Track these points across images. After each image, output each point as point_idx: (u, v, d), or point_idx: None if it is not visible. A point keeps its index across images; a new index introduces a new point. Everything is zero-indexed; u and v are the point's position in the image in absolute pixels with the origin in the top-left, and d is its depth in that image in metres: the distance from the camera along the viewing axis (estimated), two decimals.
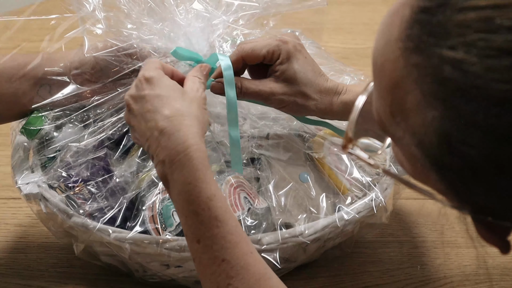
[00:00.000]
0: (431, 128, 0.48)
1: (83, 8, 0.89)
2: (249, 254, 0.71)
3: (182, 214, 0.72)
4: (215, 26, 0.90)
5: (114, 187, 0.88)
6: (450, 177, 0.50)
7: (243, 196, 0.86)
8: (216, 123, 0.92)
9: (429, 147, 0.49)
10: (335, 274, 0.94)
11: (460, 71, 0.46)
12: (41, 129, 0.91)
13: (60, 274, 0.94)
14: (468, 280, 0.93)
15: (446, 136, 0.48)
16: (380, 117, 0.54)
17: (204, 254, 0.71)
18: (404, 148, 0.53)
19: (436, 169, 0.50)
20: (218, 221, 0.71)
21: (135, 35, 0.90)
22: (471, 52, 0.46)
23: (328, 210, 0.89)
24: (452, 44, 0.47)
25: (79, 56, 0.92)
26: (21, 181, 0.89)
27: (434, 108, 0.48)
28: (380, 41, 0.52)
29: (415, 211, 1.04)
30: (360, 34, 0.90)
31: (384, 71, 0.51)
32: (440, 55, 0.47)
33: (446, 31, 0.47)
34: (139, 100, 0.76)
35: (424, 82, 0.48)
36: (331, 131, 0.95)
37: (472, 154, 0.47)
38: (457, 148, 0.47)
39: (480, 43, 0.46)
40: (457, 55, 0.46)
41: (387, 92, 0.52)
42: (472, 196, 0.50)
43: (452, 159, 0.48)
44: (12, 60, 0.91)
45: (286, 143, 0.94)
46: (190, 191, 0.71)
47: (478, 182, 0.48)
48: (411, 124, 0.50)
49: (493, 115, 0.45)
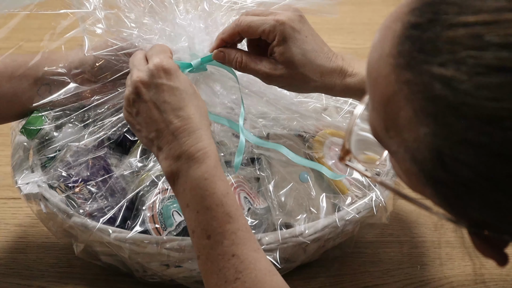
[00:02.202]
0: (424, 144, 0.48)
1: (83, 7, 0.89)
2: (257, 251, 0.72)
3: (193, 209, 0.73)
4: (216, 26, 0.90)
5: (114, 187, 0.88)
6: (444, 191, 0.50)
7: (243, 196, 0.86)
8: (216, 123, 0.92)
9: (423, 162, 0.49)
10: (335, 274, 0.94)
11: (450, 88, 0.46)
12: (41, 129, 0.91)
13: (60, 274, 0.94)
14: (468, 280, 0.93)
15: (438, 153, 0.47)
16: (375, 130, 0.54)
17: (213, 249, 0.71)
18: (400, 161, 0.53)
19: (431, 183, 0.50)
20: (230, 217, 0.72)
21: (135, 35, 0.90)
22: (461, 70, 0.45)
23: (328, 210, 0.89)
24: (442, 61, 0.46)
25: (79, 56, 0.91)
26: (21, 181, 0.89)
27: (425, 125, 0.47)
28: (373, 55, 0.52)
29: (415, 211, 1.04)
30: (360, 34, 0.90)
31: (377, 86, 0.51)
32: (430, 72, 0.47)
33: (436, 48, 0.47)
34: (154, 87, 0.76)
35: (415, 99, 0.48)
36: (331, 131, 0.95)
37: (465, 170, 0.47)
38: (449, 164, 0.47)
39: (469, 60, 0.45)
40: (447, 72, 0.46)
41: (380, 106, 0.51)
42: (467, 211, 0.50)
43: (445, 174, 0.48)
44: (12, 60, 0.91)
45: (286, 143, 0.94)
46: (206, 186, 0.72)
47: (472, 197, 0.48)
48: (404, 139, 0.50)
49: (484, 133, 0.45)
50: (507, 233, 0.50)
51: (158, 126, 0.75)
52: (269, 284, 0.71)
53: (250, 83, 0.93)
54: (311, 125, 0.95)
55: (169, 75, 0.76)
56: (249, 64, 0.85)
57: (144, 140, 0.78)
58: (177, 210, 0.84)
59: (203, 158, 0.74)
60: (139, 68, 0.78)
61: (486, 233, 0.50)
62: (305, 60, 0.84)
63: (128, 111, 0.78)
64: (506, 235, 0.50)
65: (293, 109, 0.95)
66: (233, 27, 0.85)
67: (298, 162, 0.89)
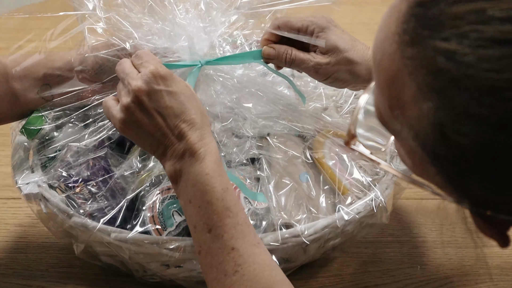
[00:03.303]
0: (426, 119, 0.49)
1: (83, 7, 0.89)
2: (256, 245, 0.73)
3: (195, 205, 0.74)
4: (215, 25, 0.90)
5: (114, 187, 0.88)
6: (447, 168, 0.50)
7: (243, 196, 0.86)
8: (216, 122, 0.92)
9: (425, 139, 0.50)
10: (335, 274, 0.94)
11: (453, 61, 0.47)
12: (41, 129, 0.91)
13: (60, 274, 0.94)
14: (468, 280, 0.93)
15: (440, 127, 0.48)
16: (380, 112, 0.55)
17: (214, 243, 0.73)
18: (403, 142, 0.54)
19: (433, 161, 0.51)
20: (230, 211, 0.73)
21: (135, 35, 0.90)
22: (464, 43, 0.47)
23: (328, 210, 0.89)
24: (446, 36, 0.47)
25: (79, 56, 0.91)
26: (21, 181, 0.89)
27: (428, 99, 0.48)
28: (379, 35, 0.53)
29: (415, 211, 1.04)
30: (360, 34, 0.90)
31: (382, 65, 0.52)
32: (434, 46, 0.48)
33: (440, 24, 0.48)
34: (154, 94, 0.76)
35: (419, 74, 0.49)
36: (331, 131, 0.95)
37: (466, 143, 0.47)
38: (451, 138, 0.48)
39: (472, 34, 0.46)
40: (450, 46, 0.47)
41: (385, 86, 0.53)
42: (469, 188, 0.50)
43: (447, 150, 0.49)
44: (12, 60, 0.91)
45: (286, 143, 0.94)
46: (207, 181, 0.74)
47: (473, 173, 0.49)
48: (408, 116, 0.51)
49: (485, 104, 0.46)
50: (508, 213, 0.50)
51: (162, 131, 0.76)
52: (267, 278, 0.71)
53: (250, 83, 0.93)
54: (311, 125, 0.95)
55: (166, 81, 0.77)
56: (298, 56, 0.90)
57: (148, 148, 0.79)
58: (177, 210, 0.84)
59: (205, 155, 0.75)
60: (133, 77, 0.78)
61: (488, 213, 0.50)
62: (347, 45, 0.89)
63: (126, 121, 0.77)
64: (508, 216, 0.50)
65: (293, 109, 0.96)
66: (273, 24, 0.90)
67: None
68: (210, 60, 0.90)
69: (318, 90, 1.01)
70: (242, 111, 0.93)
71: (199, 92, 0.92)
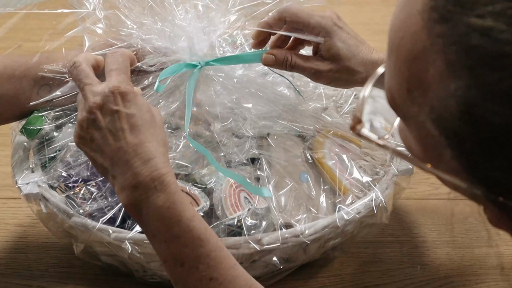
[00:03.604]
0: (454, 99, 0.48)
1: (83, 7, 0.89)
2: (234, 267, 0.71)
3: (161, 240, 0.71)
4: (215, 26, 0.90)
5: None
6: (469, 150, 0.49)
7: (243, 196, 0.86)
8: (216, 123, 0.92)
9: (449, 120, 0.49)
10: (335, 274, 0.94)
11: (488, 38, 0.46)
12: (41, 129, 0.91)
13: (60, 274, 0.94)
14: (468, 280, 0.93)
15: (469, 106, 0.47)
16: (392, 96, 0.54)
17: (189, 276, 0.70)
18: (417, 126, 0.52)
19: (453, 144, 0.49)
20: (200, 240, 0.71)
21: (135, 35, 0.90)
22: (500, 20, 0.45)
23: (328, 210, 0.89)
24: (480, 13, 0.46)
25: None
26: (21, 181, 0.89)
27: (458, 77, 0.47)
28: (399, 15, 0.52)
29: (415, 211, 1.04)
30: (360, 34, 0.90)
31: (403, 45, 0.51)
32: (468, 23, 0.47)
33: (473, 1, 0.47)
34: (110, 114, 0.74)
35: (449, 52, 0.47)
36: (331, 131, 0.95)
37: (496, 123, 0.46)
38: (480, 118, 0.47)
39: (509, 11, 0.45)
40: (485, 23, 0.46)
41: (405, 66, 0.51)
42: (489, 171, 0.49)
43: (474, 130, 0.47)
44: (12, 60, 0.91)
45: (286, 143, 0.94)
46: (171, 215, 0.71)
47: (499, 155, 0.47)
48: (430, 97, 0.49)
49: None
50: None
51: (112, 154, 0.73)
52: None
53: (250, 83, 0.93)
54: (311, 125, 0.95)
55: (126, 101, 0.74)
56: (298, 63, 0.89)
57: (99, 169, 0.76)
58: None
59: (161, 187, 0.71)
60: (93, 90, 0.75)
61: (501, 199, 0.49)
62: (350, 54, 0.88)
63: (81, 136, 0.75)
64: None
65: (293, 109, 0.96)
66: (280, 12, 0.88)
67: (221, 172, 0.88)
68: (210, 60, 0.90)
69: (318, 90, 1.01)
70: (242, 111, 0.93)
71: (199, 93, 0.92)
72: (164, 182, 0.72)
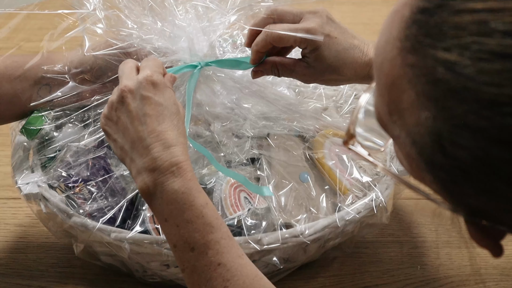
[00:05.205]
0: (424, 128, 0.48)
1: (83, 7, 0.89)
2: (241, 257, 0.72)
3: (172, 224, 0.73)
4: (215, 26, 0.90)
5: (114, 187, 0.88)
6: (443, 177, 0.50)
7: (243, 196, 0.86)
8: (216, 123, 0.92)
9: (423, 147, 0.49)
10: (335, 274, 0.94)
11: (453, 72, 0.46)
12: (41, 129, 0.91)
13: (60, 274, 0.94)
14: (468, 280, 0.93)
15: (437, 136, 0.48)
16: (379, 115, 0.55)
17: (198, 261, 0.71)
18: (401, 147, 0.53)
19: (430, 169, 0.50)
20: (211, 227, 0.72)
21: (135, 35, 0.90)
22: (465, 55, 0.46)
23: (328, 210, 0.89)
24: (447, 46, 0.47)
25: (78, 56, 0.92)
26: (21, 181, 0.89)
27: (427, 108, 0.48)
28: (381, 38, 0.53)
29: (415, 211, 1.04)
30: (360, 34, 0.90)
31: (383, 69, 0.52)
32: (435, 56, 0.47)
33: (442, 33, 0.47)
34: (140, 99, 0.76)
35: (418, 83, 0.48)
36: (331, 131, 0.95)
37: (463, 155, 0.47)
38: (448, 149, 0.47)
39: (473, 46, 0.46)
40: (451, 57, 0.46)
41: (385, 90, 0.52)
42: (464, 197, 0.50)
43: (444, 159, 0.48)
44: (13, 61, 0.91)
45: (286, 143, 0.94)
46: (184, 200, 0.72)
47: (469, 182, 0.48)
48: (406, 123, 0.50)
49: (484, 117, 0.45)
50: (503, 224, 0.50)
51: (135, 136, 0.75)
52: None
53: (250, 83, 0.93)
54: (311, 125, 0.95)
55: (157, 89, 0.77)
56: (284, 73, 0.89)
57: (118, 151, 0.77)
58: None
59: (178, 173, 0.73)
60: (128, 77, 0.78)
61: (483, 223, 0.50)
62: (337, 62, 0.86)
63: (108, 117, 0.78)
64: (503, 226, 0.50)
65: (293, 109, 0.96)
66: (264, 39, 0.87)
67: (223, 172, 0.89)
68: (209, 61, 0.90)
69: (318, 90, 1.01)
70: (242, 111, 0.93)
71: (199, 93, 0.92)
72: (182, 169, 0.74)
